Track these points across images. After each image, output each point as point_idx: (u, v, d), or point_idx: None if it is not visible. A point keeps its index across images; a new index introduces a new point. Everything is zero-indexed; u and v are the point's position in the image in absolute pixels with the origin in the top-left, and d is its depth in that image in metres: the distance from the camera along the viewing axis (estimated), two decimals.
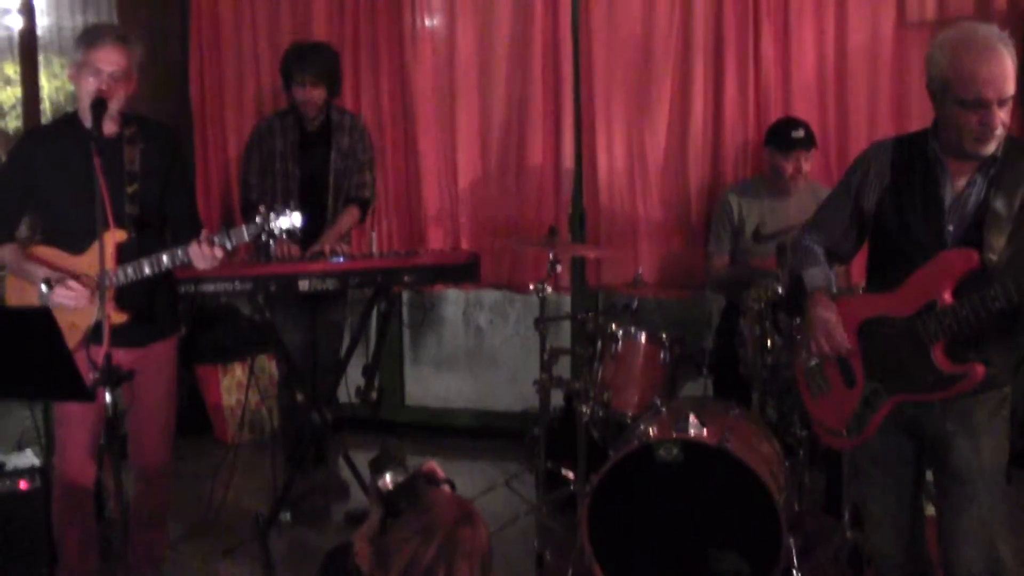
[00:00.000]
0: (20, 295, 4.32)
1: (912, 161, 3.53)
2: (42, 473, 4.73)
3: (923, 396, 3.49)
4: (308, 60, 5.67)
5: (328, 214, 5.79)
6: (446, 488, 2.67)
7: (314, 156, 5.80)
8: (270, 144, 5.78)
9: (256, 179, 5.79)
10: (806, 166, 5.49)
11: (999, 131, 3.31)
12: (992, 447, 3.52)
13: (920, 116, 5.39)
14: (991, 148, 3.35)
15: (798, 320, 4.02)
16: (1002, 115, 3.30)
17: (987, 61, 3.26)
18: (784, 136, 5.49)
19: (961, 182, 3.44)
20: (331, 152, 5.80)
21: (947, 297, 3.36)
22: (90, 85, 4.13)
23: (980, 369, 3.36)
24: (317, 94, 5.68)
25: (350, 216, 5.83)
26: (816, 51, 6.00)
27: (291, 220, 4.22)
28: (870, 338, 3.58)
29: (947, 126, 3.41)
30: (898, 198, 3.53)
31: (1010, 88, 3.28)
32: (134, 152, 4.30)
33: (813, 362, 3.81)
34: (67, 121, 4.39)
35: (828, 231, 3.79)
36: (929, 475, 3.77)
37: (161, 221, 4.45)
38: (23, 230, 4.52)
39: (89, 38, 4.20)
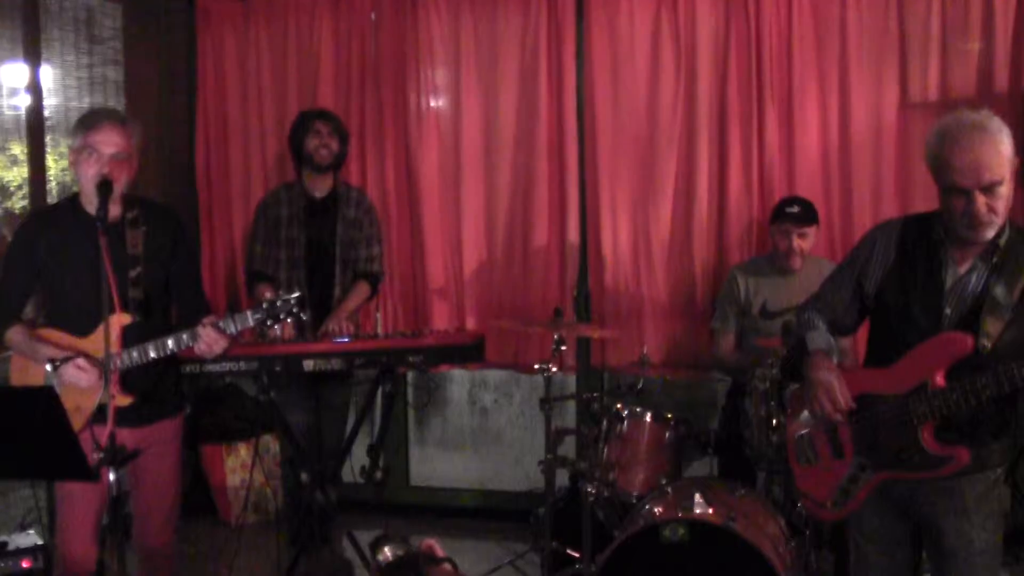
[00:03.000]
0: (23, 375, 4.32)
1: (918, 242, 3.55)
2: (45, 552, 4.71)
3: (908, 475, 3.50)
4: (327, 114, 6.00)
5: (334, 282, 5.83)
6: (446, 566, 2.66)
7: (320, 223, 5.87)
8: (276, 212, 5.87)
9: (261, 246, 5.84)
10: (801, 242, 5.50)
11: (986, 216, 3.31)
12: (984, 527, 3.50)
13: (924, 196, 5.42)
14: (986, 233, 3.36)
15: (796, 387, 4.00)
16: (989, 201, 3.30)
17: (964, 150, 3.28)
18: (778, 210, 5.57)
19: (963, 267, 3.46)
20: (337, 221, 5.87)
21: (939, 380, 3.37)
22: (91, 168, 4.13)
23: (965, 453, 3.37)
24: (332, 143, 5.87)
25: (360, 293, 5.87)
26: (820, 132, 6.05)
27: (296, 305, 4.22)
28: (862, 412, 3.59)
29: (943, 210, 3.44)
30: (901, 277, 3.55)
31: (991, 176, 3.27)
32: (136, 236, 4.29)
33: (804, 431, 3.82)
34: (69, 205, 4.37)
35: (831, 305, 3.81)
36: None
37: (166, 304, 4.46)
38: (29, 311, 4.51)
39: (88, 122, 4.20)
